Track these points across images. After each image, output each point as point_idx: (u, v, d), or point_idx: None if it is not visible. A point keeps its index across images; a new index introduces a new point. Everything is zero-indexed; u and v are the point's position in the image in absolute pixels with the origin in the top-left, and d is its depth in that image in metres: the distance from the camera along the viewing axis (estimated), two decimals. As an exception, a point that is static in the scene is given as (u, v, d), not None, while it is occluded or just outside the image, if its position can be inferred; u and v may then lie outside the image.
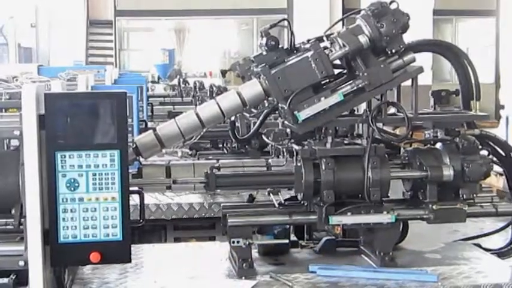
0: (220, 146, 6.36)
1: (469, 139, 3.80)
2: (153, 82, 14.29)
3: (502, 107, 17.16)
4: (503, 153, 4.16)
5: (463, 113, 3.96)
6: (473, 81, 4.00)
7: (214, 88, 7.88)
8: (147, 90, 9.24)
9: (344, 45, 3.51)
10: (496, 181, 7.81)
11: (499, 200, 4.18)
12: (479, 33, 19.73)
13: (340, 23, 4.27)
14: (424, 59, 3.90)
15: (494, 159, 4.15)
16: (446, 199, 3.75)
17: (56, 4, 19.83)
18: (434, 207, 3.71)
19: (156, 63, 19.19)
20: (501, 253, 4.09)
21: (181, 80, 11.29)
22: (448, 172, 3.67)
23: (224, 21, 21.66)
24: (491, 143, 4.19)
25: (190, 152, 6.11)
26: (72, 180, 3.07)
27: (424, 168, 3.69)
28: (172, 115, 4.50)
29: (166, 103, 9.36)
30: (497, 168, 4.19)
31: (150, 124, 6.76)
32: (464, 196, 3.78)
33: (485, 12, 19.71)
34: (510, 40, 17.74)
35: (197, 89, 9.32)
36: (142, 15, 20.82)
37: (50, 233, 3.08)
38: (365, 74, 3.54)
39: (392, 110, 3.85)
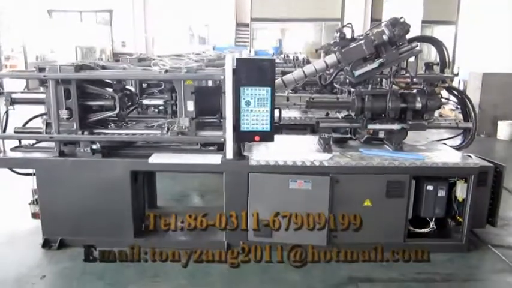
0: (311, 88, 6.32)
1: (432, 88, 3.82)
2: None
3: (457, 74, 17.25)
4: (459, 96, 4.21)
5: (439, 74, 3.96)
6: (446, 58, 3.98)
7: (304, 60, 7.82)
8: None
9: (375, 40, 3.57)
10: (452, 113, 8.00)
11: (458, 120, 4.25)
12: (446, 33, 18.83)
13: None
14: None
15: (452, 99, 4.20)
16: (417, 119, 3.81)
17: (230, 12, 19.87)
18: (410, 122, 3.78)
19: (272, 45, 19.18)
20: (457, 148, 4.16)
21: (284, 55, 11.23)
22: (419, 104, 3.75)
23: (307, 24, 21.00)
24: (453, 90, 4.24)
25: (298, 90, 6.02)
26: (248, 101, 3.30)
27: (406, 102, 3.76)
28: (282, 73, 4.59)
29: (278, 67, 9.40)
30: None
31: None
32: (426, 118, 3.83)
33: (449, 22, 18.88)
34: (462, 38, 17.09)
35: (293, 59, 9.23)
36: (264, 21, 20.64)
37: (236, 126, 3.34)
38: (384, 55, 3.59)
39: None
